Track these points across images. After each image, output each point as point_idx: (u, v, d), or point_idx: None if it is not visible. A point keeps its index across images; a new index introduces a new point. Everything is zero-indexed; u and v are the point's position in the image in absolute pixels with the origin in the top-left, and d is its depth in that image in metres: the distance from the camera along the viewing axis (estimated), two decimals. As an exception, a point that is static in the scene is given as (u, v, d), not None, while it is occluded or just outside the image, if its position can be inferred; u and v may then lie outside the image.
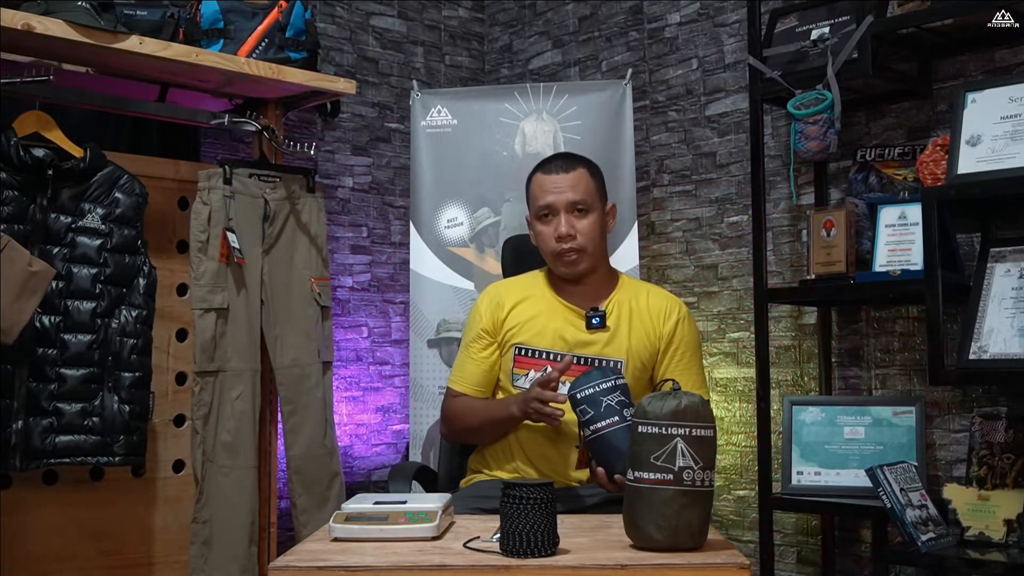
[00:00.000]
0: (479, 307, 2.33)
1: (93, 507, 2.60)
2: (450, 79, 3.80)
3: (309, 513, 2.78)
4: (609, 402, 1.92)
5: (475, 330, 2.31)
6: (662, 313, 2.28)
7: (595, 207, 2.25)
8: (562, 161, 2.29)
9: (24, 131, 2.41)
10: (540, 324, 2.25)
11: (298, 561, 1.52)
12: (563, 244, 2.21)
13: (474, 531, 1.71)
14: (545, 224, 2.25)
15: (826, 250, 2.59)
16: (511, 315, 2.28)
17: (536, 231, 2.29)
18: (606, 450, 1.92)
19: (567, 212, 2.22)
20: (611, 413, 1.91)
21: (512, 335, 2.27)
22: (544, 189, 2.25)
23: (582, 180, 2.25)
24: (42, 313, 2.39)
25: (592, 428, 1.93)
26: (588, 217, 2.23)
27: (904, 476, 2.28)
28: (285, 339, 2.78)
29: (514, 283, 2.38)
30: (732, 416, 3.09)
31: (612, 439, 1.90)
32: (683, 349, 2.27)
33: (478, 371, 2.29)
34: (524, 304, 2.29)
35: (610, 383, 1.94)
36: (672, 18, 3.33)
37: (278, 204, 2.79)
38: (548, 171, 2.27)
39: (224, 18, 2.68)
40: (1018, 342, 2.21)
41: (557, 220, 2.22)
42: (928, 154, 2.40)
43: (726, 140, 3.17)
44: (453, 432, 2.33)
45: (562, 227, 2.21)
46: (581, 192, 2.23)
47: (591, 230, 2.23)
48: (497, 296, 2.33)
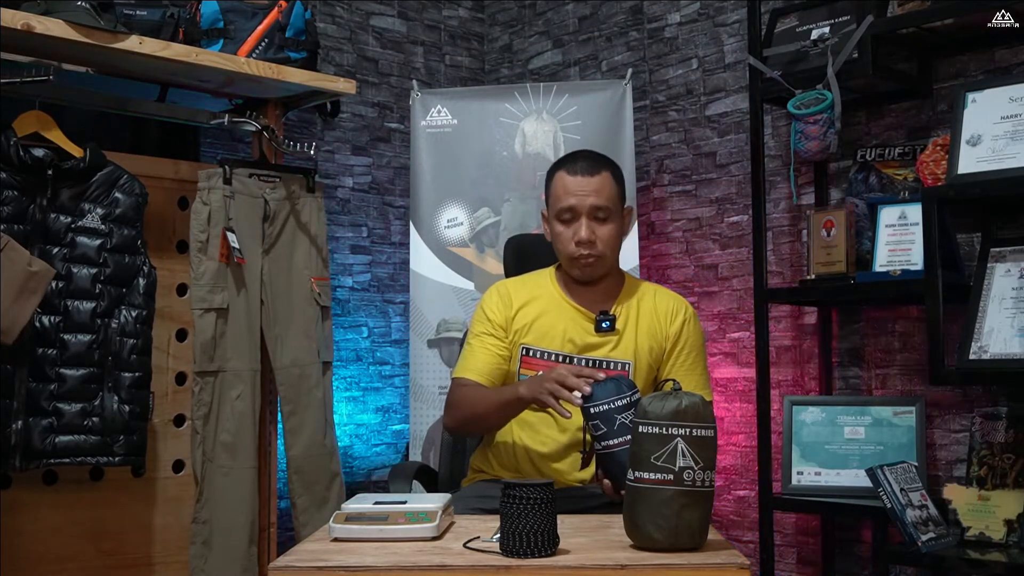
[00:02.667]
0: (488, 302, 2.28)
1: (93, 507, 2.60)
2: (450, 79, 3.80)
3: (309, 513, 2.78)
4: (623, 420, 1.86)
5: (485, 323, 2.25)
6: (669, 313, 2.26)
7: (616, 213, 2.20)
8: (587, 163, 2.21)
9: (24, 131, 2.40)
10: (548, 325, 2.22)
11: (298, 561, 1.52)
12: (582, 249, 2.17)
13: (474, 531, 1.71)
14: (565, 226, 2.19)
15: (826, 250, 2.59)
16: (519, 315, 2.24)
17: (554, 231, 2.22)
18: (616, 468, 1.88)
19: (588, 217, 2.17)
20: (624, 432, 1.85)
21: (519, 335, 2.23)
22: (567, 190, 2.18)
23: (606, 185, 2.19)
24: (42, 313, 2.39)
25: (604, 444, 1.88)
26: (609, 224, 2.18)
27: (904, 476, 2.28)
28: (285, 339, 2.78)
29: (522, 282, 2.33)
30: (732, 416, 3.09)
31: (623, 457, 1.84)
32: (688, 350, 2.25)
33: (490, 360, 2.22)
34: (532, 304, 2.25)
35: (625, 400, 1.88)
36: (672, 18, 3.33)
37: (278, 204, 2.79)
38: (573, 172, 2.20)
39: (224, 18, 2.68)
40: (1018, 342, 2.21)
41: (578, 224, 2.17)
42: (928, 154, 2.40)
43: (726, 140, 3.17)
44: (458, 420, 2.22)
45: (583, 232, 2.15)
46: (604, 198, 2.17)
47: (611, 236, 2.19)
48: (506, 293, 2.28)
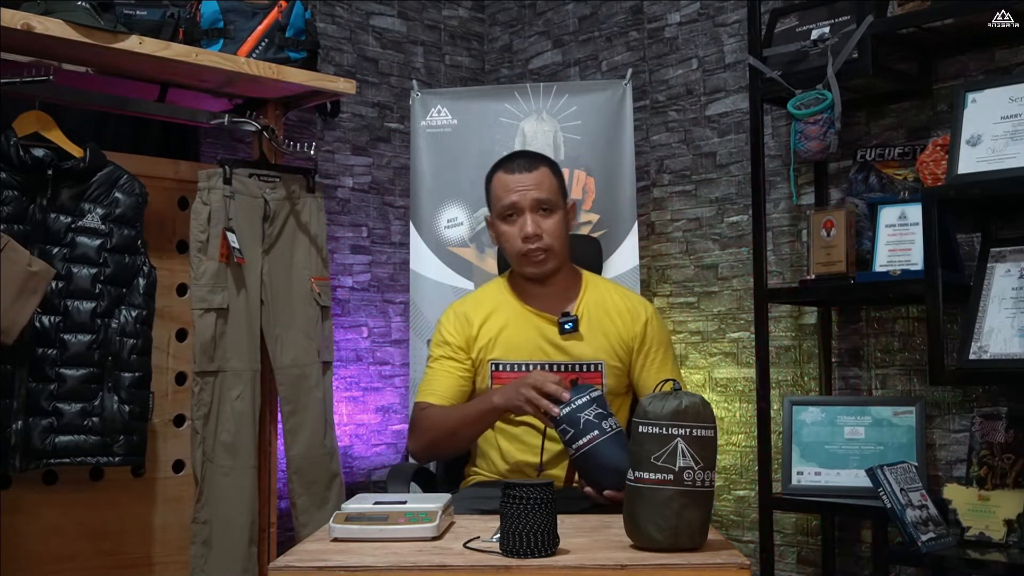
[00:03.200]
0: (445, 325, 2.27)
1: (93, 507, 2.60)
2: (450, 79, 3.80)
3: (309, 513, 2.78)
4: (587, 417, 1.87)
5: (443, 346, 2.24)
6: (630, 313, 2.27)
7: (559, 206, 2.22)
8: (524, 160, 2.24)
9: (24, 131, 2.40)
10: (512, 336, 2.22)
11: (298, 561, 1.52)
12: (530, 244, 2.18)
13: (474, 531, 1.71)
14: (510, 224, 2.21)
15: (826, 250, 2.59)
16: (481, 332, 2.23)
17: (499, 232, 2.24)
18: (592, 466, 1.89)
19: (532, 211, 2.19)
20: (590, 428, 1.86)
21: (485, 352, 2.22)
22: (508, 188, 2.21)
23: (546, 178, 2.21)
24: (42, 313, 2.39)
25: (575, 446, 1.88)
26: (553, 216, 2.20)
27: (904, 476, 2.28)
28: (285, 339, 2.78)
29: (476, 299, 2.33)
30: (732, 416, 3.09)
31: (596, 455, 1.87)
32: (655, 347, 2.26)
33: (452, 383, 2.20)
34: (492, 319, 2.25)
35: (585, 398, 1.89)
36: (672, 18, 3.33)
37: (278, 204, 2.79)
38: (511, 170, 2.22)
39: (224, 18, 2.68)
40: (1018, 342, 2.21)
41: (523, 220, 2.19)
42: (928, 154, 2.40)
43: (726, 140, 3.17)
44: (426, 442, 2.17)
45: (528, 227, 2.17)
46: (546, 191, 2.20)
47: (557, 229, 2.20)
48: (463, 313, 2.27)
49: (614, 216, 3.12)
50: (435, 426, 2.15)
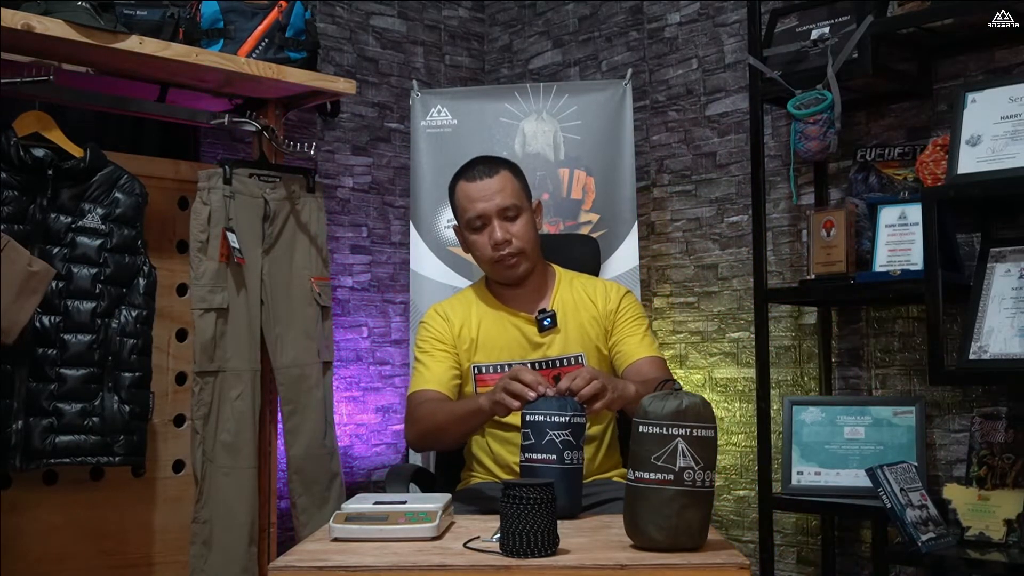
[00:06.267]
0: (430, 322, 2.27)
1: (93, 507, 2.60)
2: (450, 79, 3.80)
3: (309, 513, 2.78)
4: (554, 437, 1.78)
5: (431, 340, 2.24)
6: (603, 295, 2.28)
7: (524, 207, 2.22)
8: (484, 167, 2.23)
9: (24, 131, 2.40)
10: (492, 339, 2.23)
11: (298, 561, 1.52)
12: (501, 251, 2.18)
13: (474, 531, 1.71)
14: (478, 234, 2.21)
15: (826, 250, 2.59)
16: (462, 334, 2.24)
17: (470, 241, 2.24)
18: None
19: (499, 218, 2.19)
20: (551, 450, 1.78)
21: (467, 355, 2.23)
22: (471, 198, 2.20)
23: (507, 183, 2.21)
24: (42, 313, 2.39)
25: (527, 456, 1.81)
26: (520, 220, 2.20)
27: (904, 476, 2.28)
28: (285, 339, 2.78)
29: (453, 303, 2.33)
30: (732, 416, 3.09)
31: (543, 476, 1.75)
32: (629, 315, 2.27)
33: (445, 370, 2.20)
34: (471, 321, 2.25)
35: (564, 419, 1.79)
36: (672, 18, 3.33)
37: (278, 204, 2.79)
38: (471, 178, 2.22)
39: (224, 18, 2.68)
40: (1018, 342, 2.21)
41: (491, 228, 2.19)
42: (928, 154, 2.40)
43: (726, 140, 3.17)
44: (418, 433, 2.17)
45: (497, 234, 2.17)
46: (509, 195, 2.20)
47: (525, 231, 2.20)
48: (444, 314, 2.27)
49: (614, 216, 3.12)
50: (427, 419, 2.14)
